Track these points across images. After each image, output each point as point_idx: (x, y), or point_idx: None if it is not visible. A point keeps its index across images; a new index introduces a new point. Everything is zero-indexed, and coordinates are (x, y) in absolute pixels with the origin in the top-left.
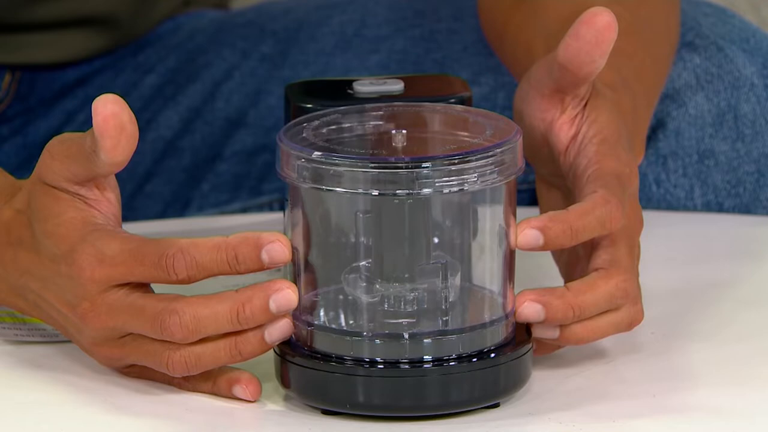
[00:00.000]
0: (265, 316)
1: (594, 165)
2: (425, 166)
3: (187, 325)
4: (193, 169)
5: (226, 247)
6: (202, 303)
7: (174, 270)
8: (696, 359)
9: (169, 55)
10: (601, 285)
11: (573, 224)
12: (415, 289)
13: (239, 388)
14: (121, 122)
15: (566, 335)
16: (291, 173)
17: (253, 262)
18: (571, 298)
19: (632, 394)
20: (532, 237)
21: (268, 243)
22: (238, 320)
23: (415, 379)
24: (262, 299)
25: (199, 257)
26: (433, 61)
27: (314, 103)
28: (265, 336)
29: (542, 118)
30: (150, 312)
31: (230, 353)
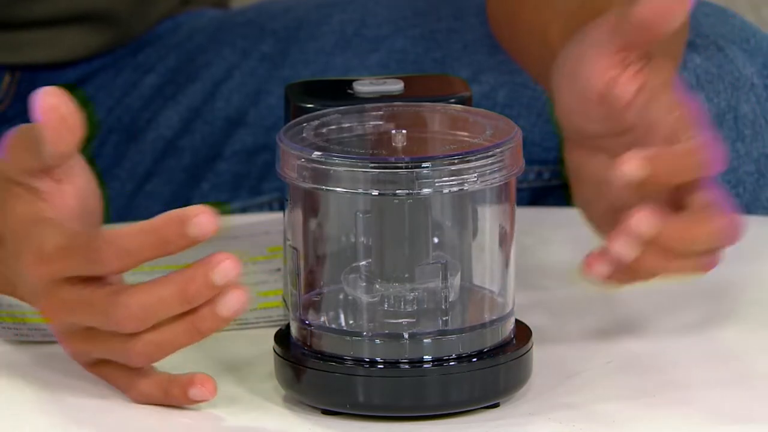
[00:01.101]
0: (211, 291)
1: (676, 110)
2: (425, 166)
3: (136, 316)
4: (193, 169)
5: (150, 229)
6: (147, 290)
7: (103, 261)
8: (695, 360)
9: (168, 54)
10: (715, 221)
11: (680, 161)
12: (415, 289)
13: (196, 390)
14: (60, 114)
15: (643, 259)
16: (291, 173)
17: (182, 239)
18: (688, 225)
19: (632, 395)
20: (638, 166)
21: (194, 216)
22: (186, 300)
23: (415, 379)
24: (203, 276)
25: (127, 244)
26: (433, 60)
27: (314, 102)
28: (220, 310)
29: (601, 76)
30: (99, 306)
31: (189, 334)
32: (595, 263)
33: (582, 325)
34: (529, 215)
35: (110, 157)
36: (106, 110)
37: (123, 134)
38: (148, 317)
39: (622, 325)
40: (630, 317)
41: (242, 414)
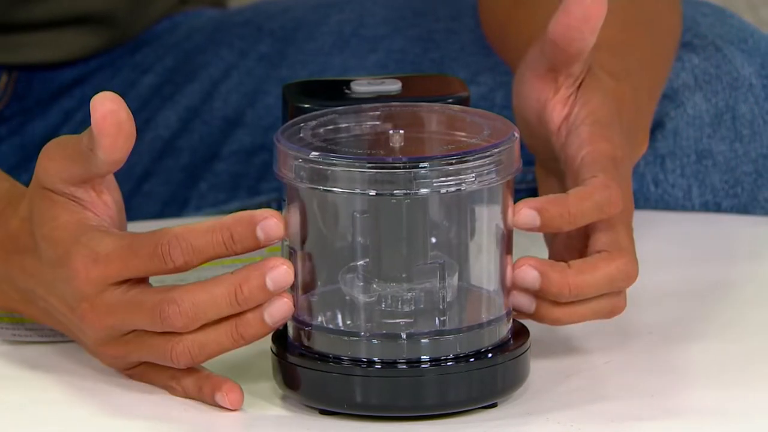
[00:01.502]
0: (264, 294)
1: (587, 146)
2: (422, 166)
3: (186, 313)
4: (191, 169)
5: (220, 228)
6: (200, 288)
7: (171, 257)
8: (694, 359)
9: (166, 54)
10: (603, 267)
11: (571, 208)
12: (412, 289)
13: (220, 396)
14: (118, 120)
15: (542, 312)
16: (288, 173)
17: (249, 240)
18: (571, 276)
19: (630, 395)
20: (529, 217)
21: (262, 219)
22: (237, 302)
23: (413, 379)
24: (258, 278)
25: (195, 241)
26: (431, 60)
27: (312, 103)
28: (266, 317)
29: (537, 98)
30: (148, 305)
31: (233, 338)
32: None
33: (580, 325)
34: None
35: None
36: None
37: None
38: (199, 315)
39: (620, 325)
40: (628, 317)
41: (240, 414)
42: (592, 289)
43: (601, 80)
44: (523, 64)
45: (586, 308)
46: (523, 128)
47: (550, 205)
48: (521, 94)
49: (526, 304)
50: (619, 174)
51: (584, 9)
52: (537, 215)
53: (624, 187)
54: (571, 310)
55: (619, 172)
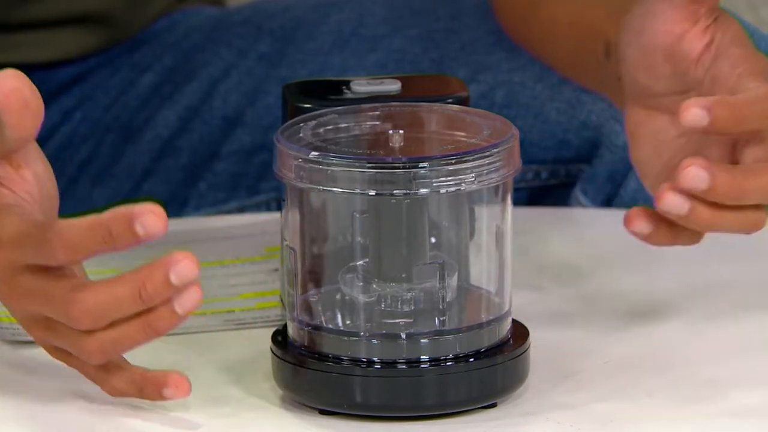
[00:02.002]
0: (168, 290)
1: (743, 64)
2: (422, 166)
3: (91, 313)
4: (191, 169)
5: (99, 224)
6: (103, 288)
7: (53, 253)
8: (693, 359)
9: (165, 53)
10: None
11: (743, 110)
12: (412, 289)
13: (169, 391)
14: (23, 98)
15: (696, 213)
16: (288, 173)
17: (128, 235)
18: (739, 177)
19: (630, 395)
20: (698, 115)
21: (141, 215)
22: (141, 300)
23: (413, 379)
24: (162, 274)
25: (75, 238)
26: (431, 60)
27: (312, 103)
28: (176, 308)
29: (670, 31)
30: (57, 300)
31: (144, 332)
32: (638, 219)
33: (579, 325)
34: (527, 214)
35: (107, 157)
36: (102, 109)
37: (120, 134)
38: (104, 316)
39: (620, 325)
40: (627, 317)
41: (239, 414)
42: (756, 195)
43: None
44: (648, 4)
45: (737, 216)
46: (639, 67)
47: (719, 106)
48: (646, 30)
49: (679, 204)
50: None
51: None
52: (707, 114)
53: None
54: (724, 215)
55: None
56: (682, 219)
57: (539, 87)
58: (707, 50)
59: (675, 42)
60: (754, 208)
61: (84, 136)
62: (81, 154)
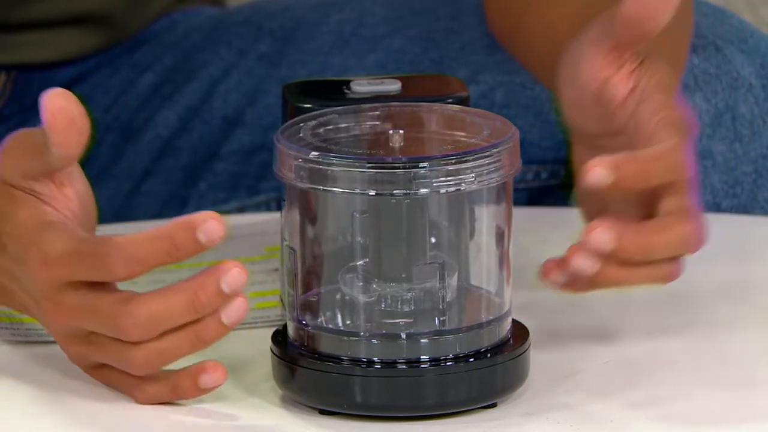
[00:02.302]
0: (220, 299)
1: (662, 112)
2: (422, 166)
3: (143, 324)
4: (191, 169)
5: (162, 236)
6: (156, 299)
7: (111, 269)
8: (693, 360)
9: (165, 53)
10: (676, 228)
11: (647, 166)
12: (412, 289)
13: (207, 377)
14: (70, 116)
15: (605, 273)
16: (288, 173)
17: (192, 245)
18: (645, 236)
19: (630, 395)
20: (602, 174)
21: (202, 223)
22: (194, 309)
23: (413, 379)
24: (214, 284)
25: (136, 252)
26: (431, 60)
27: (312, 103)
28: (224, 319)
29: (596, 75)
30: (105, 313)
31: (192, 343)
32: (552, 272)
33: (579, 324)
34: (527, 215)
35: (107, 157)
36: (102, 109)
37: (120, 134)
38: (155, 326)
39: (620, 325)
40: (628, 317)
41: (239, 414)
42: (664, 251)
43: (660, 55)
44: (579, 45)
45: (648, 271)
46: (573, 107)
47: (625, 162)
48: (576, 73)
49: (588, 265)
50: (691, 140)
51: None
52: (611, 172)
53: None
54: (634, 272)
55: (690, 139)
56: (593, 279)
57: (539, 87)
58: (632, 95)
59: (601, 86)
60: (668, 261)
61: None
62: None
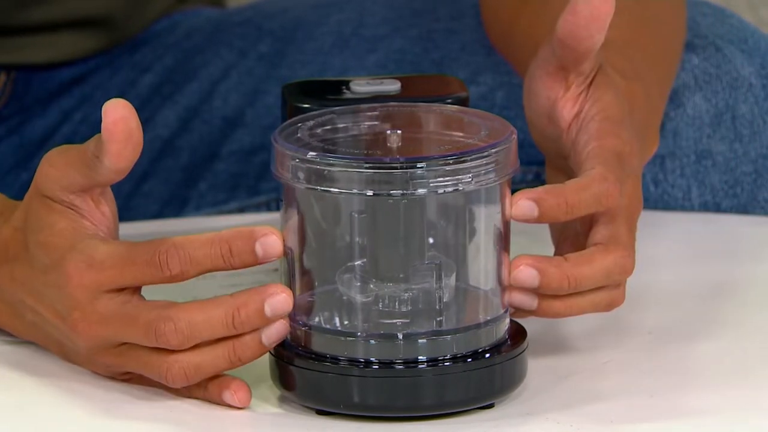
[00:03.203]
0: (261, 320)
1: (594, 141)
2: (420, 166)
3: (182, 331)
4: (191, 169)
5: (219, 240)
6: (197, 308)
7: (168, 266)
8: (693, 359)
9: (165, 53)
10: (599, 259)
11: (569, 198)
12: (409, 289)
13: (228, 394)
14: (129, 127)
15: (544, 307)
16: (286, 173)
17: (248, 255)
18: (568, 269)
19: (630, 395)
20: (527, 208)
21: (262, 236)
22: (233, 325)
23: (410, 379)
24: (257, 303)
25: (193, 252)
26: (431, 60)
27: (311, 103)
28: (263, 339)
29: (547, 96)
30: (143, 320)
31: (229, 359)
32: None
33: (578, 324)
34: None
35: None
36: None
37: None
38: (194, 335)
39: (619, 325)
40: (627, 317)
41: (237, 415)
42: (590, 281)
43: (611, 78)
44: (534, 64)
45: (586, 300)
46: (534, 127)
47: (547, 195)
48: (531, 92)
49: (527, 301)
50: (622, 169)
51: (591, 8)
52: (535, 205)
53: (631, 182)
54: (571, 303)
55: (622, 167)
56: (536, 313)
57: None
58: (575, 120)
59: (551, 106)
60: (607, 288)
61: (84, 136)
62: None
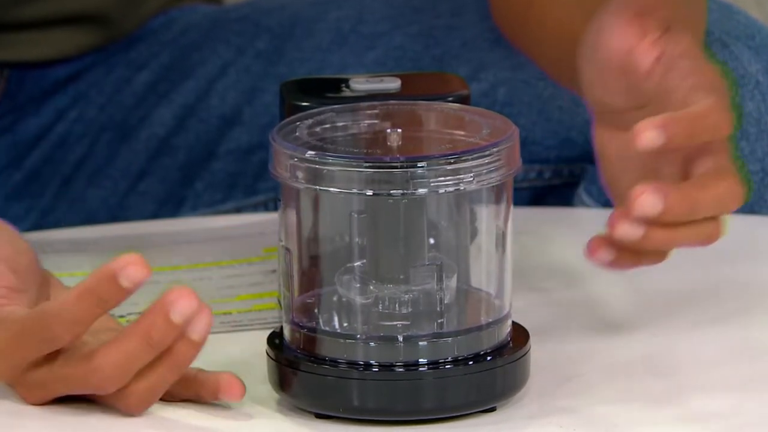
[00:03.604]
0: (175, 331)
1: (693, 76)
2: (420, 165)
3: (112, 377)
4: (187, 168)
5: (86, 292)
6: (114, 348)
7: (57, 338)
8: (700, 363)
9: (162, 51)
10: (715, 185)
11: (695, 124)
12: (410, 290)
13: (222, 395)
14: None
15: (651, 237)
16: (284, 173)
17: (117, 293)
18: (691, 193)
19: (634, 398)
20: (652, 137)
21: (121, 270)
22: (153, 347)
23: (410, 382)
24: (163, 318)
25: (72, 314)
26: (432, 57)
27: (310, 101)
28: (192, 336)
29: (620, 45)
30: (76, 378)
31: (172, 370)
32: (599, 249)
33: (582, 326)
34: (529, 215)
35: (103, 156)
36: (97, 108)
37: (115, 132)
38: (125, 374)
39: (624, 327)
40: (631, 319)
41: (234, 418)
42: (708, 207)
43: (684, 25)
44: (603, 15)
45: (692, 231)
46: (596, 82)
47: (672, 123)
48: (599, 45)
49: (633, 231)
50: (726, 102)
51: None
52: (661, 132)
53: None
54: (679, 232)
55: (726, 101)
56: (638, 243)
57: (542, 84)
58: (658, 64)
59: (625, 56)
60: (709, 220)
61: (79, 135)
62: (76, 153)
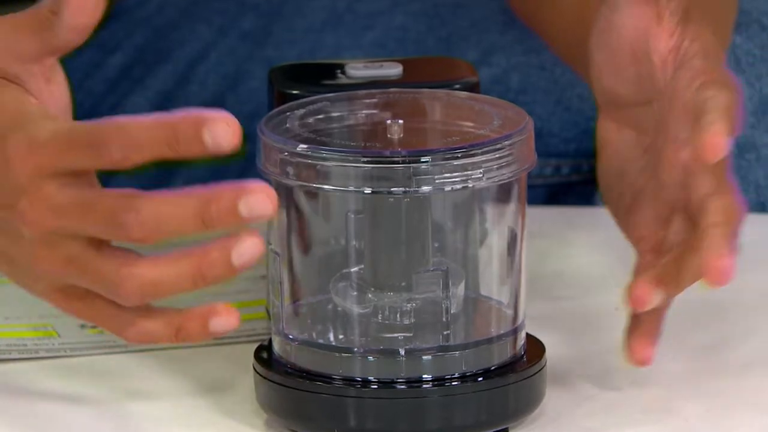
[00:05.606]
0: (234, 218)
1: (702, 77)
2: (424, 160)
3: (146, 223)
4: (165, 163)
5: (165, 124)
6: (165, 198)
7: (108, 149)
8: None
9: (135, 30)
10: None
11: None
12: (412, 299)
13: (218, 321)
14: None
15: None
16: (273, 168)
17: (194, 141)
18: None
19: (660, 418)
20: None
21: (211, 122)
22: (203, 221)
23: (413, 400)
24: (231, 199)
25: (136, 134)
26: (437, 39)
27: (301, 88)
28: (233, 258)
29: (635, 27)
30: (102, 208)
31: (192, 278)
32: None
33: (602, 339)
34: (545, 215)
35: None
36: None
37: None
38: (160, 228)
39: None
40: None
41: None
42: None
43: (706, 22)
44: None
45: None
46: (606, 68)
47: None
48: (614, 26)
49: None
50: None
51: None
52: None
53: None
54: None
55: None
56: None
57: (559, 70)
58: (672, 56)
59: (640, 39)
60: None
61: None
62: None
